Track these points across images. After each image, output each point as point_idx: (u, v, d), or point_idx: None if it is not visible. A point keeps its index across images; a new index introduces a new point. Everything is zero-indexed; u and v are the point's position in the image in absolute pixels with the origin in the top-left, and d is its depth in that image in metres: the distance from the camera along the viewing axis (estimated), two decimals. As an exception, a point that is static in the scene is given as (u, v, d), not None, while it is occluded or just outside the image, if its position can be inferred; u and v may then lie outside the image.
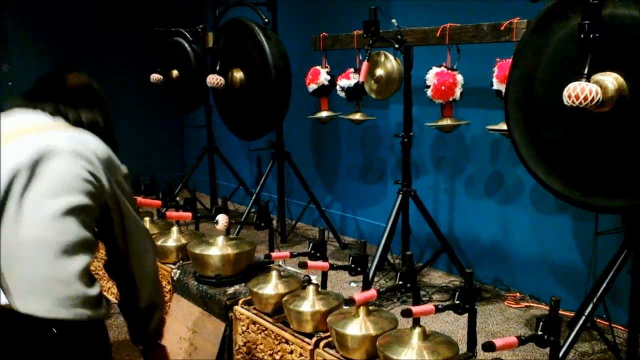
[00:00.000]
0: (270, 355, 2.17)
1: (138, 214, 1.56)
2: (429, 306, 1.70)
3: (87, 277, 1.32)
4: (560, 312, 1.65)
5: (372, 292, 1.80)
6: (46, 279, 1.25)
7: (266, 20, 3.81)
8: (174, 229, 2.83)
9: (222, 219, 2.54)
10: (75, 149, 1.34)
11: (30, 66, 5.51)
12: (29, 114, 1.43)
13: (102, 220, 1.42)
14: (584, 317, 2.42)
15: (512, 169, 3.36)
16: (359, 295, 1.76)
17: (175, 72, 4.86)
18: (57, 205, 1.26)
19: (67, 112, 1.46)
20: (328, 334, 1.97)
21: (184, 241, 2.76)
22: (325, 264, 2.16)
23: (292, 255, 2.31)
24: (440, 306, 1.73)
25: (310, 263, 2.10)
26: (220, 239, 2.51)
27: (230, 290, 2.44)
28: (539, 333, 1.59)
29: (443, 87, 3.01)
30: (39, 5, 5.42)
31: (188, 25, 4.82)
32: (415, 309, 1.68)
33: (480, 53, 3.10)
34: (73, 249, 1.28)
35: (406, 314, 1.67)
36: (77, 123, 1.46)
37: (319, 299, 2.06)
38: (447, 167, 3.77)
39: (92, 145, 1.40)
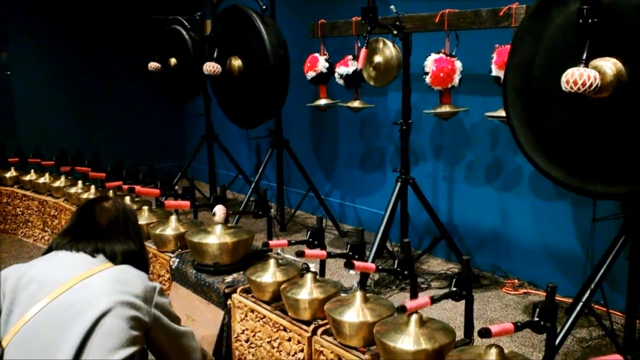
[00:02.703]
0: (269, 342, 2.18)
1: (178, 322, 1.80)
2: (425, 299, 1.70)
3: None
4: (558, 298, 1.66)
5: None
6: None
7: (264, 7, 3.79)
8: (173, 217, 2.83)
9: (219, 211, 2.53)
10: (119, 299, 1.57)
11: (28, 55, 5.49)
12: (73, 255, 1.71)
13: (150, 340, 1.70)
14: (581, 303, 2.43)
15: (511, 156, 3.35)
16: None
17: (173, 60, 4.84)
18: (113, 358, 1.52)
19: (104, 247, 1.75)
20: (326, 321, 1.97)
21: (182, 230, 2.76)
22: (323, 252, 2.16)
23: (290, 244, 2.31)
24: (435, 297, 1.73)
25: (308, 251, 2.10)
26: (218, 228, 2.51)
27: (229, 278, 2.44)
28: (536, 319, 1.59)
29: (442, 74, 2.99)
30: (36, -6, 5.39)
31: (186, 13, 4.78)
32: (410, 305, 1.68)
33: (479, 39, 3.08)
34: None
35: (401, 310, 1.68)
36: (112, 256, 1.74)
37: (317, 287, 2.06)
38: (446, 155, 3.76)
39: (131, 286, 1.63)
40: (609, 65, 2.01)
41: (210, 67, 3.82)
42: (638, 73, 1.97)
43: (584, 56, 1.97)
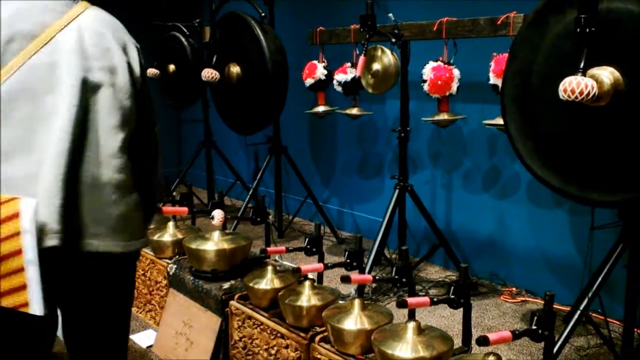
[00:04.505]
0: (266, 349, 2.17)
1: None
2: (425, 298, 1.71)
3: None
4: (556, 306, 1.66)
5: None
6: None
7: (263, 14, 3.80)
8: (170, 223, 2.83)
9: (217, 215, 2.53)
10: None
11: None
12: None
13: None
14: (579, 312, 2.42)
15: (508, 163, 3.36)
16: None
17: (172, 67, 4.85)
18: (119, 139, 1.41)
19: None
20: (323, 328, 1.97)
21: (180, 236, 2.76)
22: (320, 266, 2.16)
23: (287, 250, 2.32)
24: (435, 299, 1.73)
25: (304, 267, 2.09)
26: (216, 234, 2.51)
27: (226, 285, 2.44)
28: (534, 327, 1.59)
29: (439, 82, 3.00)
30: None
31: (185, 20, 4.79)
32: (411, 300, 1.69)
33: (477, 47, 3.09)
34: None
35: (401, 304, 1.68)
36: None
37: (315, 294, 2.06)
38: (444, 162, 3.77)
39: (122, 32, 1.55)
40: (606, 74, 2.01)
41: (209, 73, 3.82)
42: (635, 82, 1.98)
43: (582, 65, 1.98)
